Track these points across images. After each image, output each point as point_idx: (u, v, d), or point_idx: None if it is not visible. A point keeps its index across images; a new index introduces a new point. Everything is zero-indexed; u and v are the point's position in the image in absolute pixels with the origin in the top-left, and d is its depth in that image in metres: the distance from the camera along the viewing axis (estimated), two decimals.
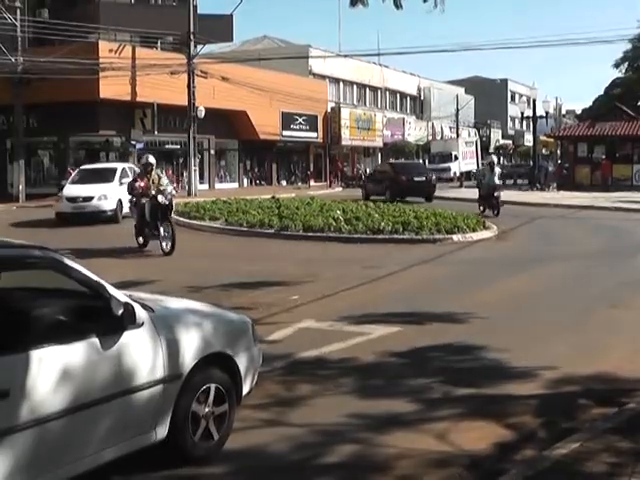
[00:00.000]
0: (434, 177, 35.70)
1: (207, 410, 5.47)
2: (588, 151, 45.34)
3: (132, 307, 4.98)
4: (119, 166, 27.02)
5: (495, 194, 26.52)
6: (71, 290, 5.08)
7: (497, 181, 27.20)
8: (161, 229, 16.97)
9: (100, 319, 4.91)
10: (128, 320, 4.95)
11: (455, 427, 6.17)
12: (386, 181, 34.56)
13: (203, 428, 5.44)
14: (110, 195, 24.30)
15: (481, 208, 27.10)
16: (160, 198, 16.92)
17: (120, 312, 4.90)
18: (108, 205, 24.27)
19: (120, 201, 23.73)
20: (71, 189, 25.19)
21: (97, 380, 4.75)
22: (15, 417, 4.24)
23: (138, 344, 5.05)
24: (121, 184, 23.84)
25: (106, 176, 25.33)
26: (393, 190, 33.15)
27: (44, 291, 5.30)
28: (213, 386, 5.51)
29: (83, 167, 28.36)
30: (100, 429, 4.79)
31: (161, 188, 17.10)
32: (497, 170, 28.02)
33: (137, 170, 24.25)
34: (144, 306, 5.22)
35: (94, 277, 5.01)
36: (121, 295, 5.07)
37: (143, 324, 5.11)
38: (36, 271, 5.02)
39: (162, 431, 5.21)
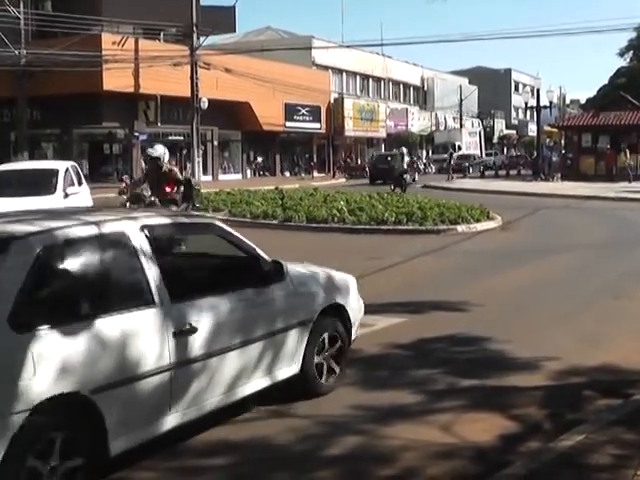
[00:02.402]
0: (396, 166, 41.37)
1: (328, 352, 6.76)
2: (592, 141, 45.19)
3: (280, 265, 6.27)
4: (60, 166, 17.01)
5: (404, 176, 34.14)
6: (234, 253, 6.31)
7: (405, 167, 35.58)
8: None
9: (255, 274, 6.15)
10: (276, 275, 6.23)
11: (459, 419, 6.15)
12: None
13: (325, 366, 6.73)
14: None
15: (392, 187, 33.29)
16: (129, 207, 11.90)
17: (269, 269, 6.20)
18: None
19: None
20: None
21: (255, 322, 6.00)
22: (202, 348, 5.40)
23: (283, 294, 6.29)
24: (66, 196, 15.59)
25: (43, 183, 15.83)
26: (369, 175, 44.59)
27: (215, 255, 6.65)
28: (332, 331, 6.80)
29: (1, 168, 17.88)
30: (259, 360, 6.00)
31: (138, 191, 12.01)
32: (406, 159, 37.06)
33: (76, 171, 17.54)
34: None
35: (249, 243, 6.30)
36: (267, 256, 6.31)
37: (285, 279, 6.29)
38: (206, 236, 6.46)
39: (296, 367, 6.42)
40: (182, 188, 12.09)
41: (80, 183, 16.82)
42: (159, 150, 12.25)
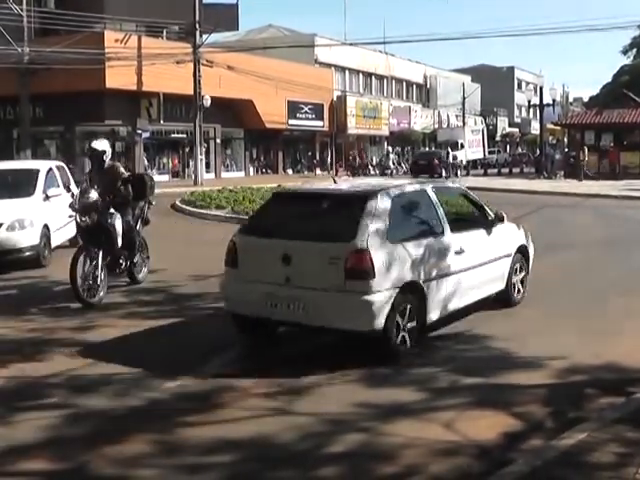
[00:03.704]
0: (436, 161, 48.51)
1: (518, 277, 10.23)
2: (595, 139, 45.09)
3: (502, 215, 9.91)
4: (42, 167, 15.59)
5: (385, 172, 43.77)
6: (473, 207, 10.05)
7: (390, 164, 45.27)
8: (97, 274, 10.38)
9: (486, 220, 9.73)
10: (498, 220, 9.82)
11: (462, 416, 6.15)
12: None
13: (516, 286, 10.18)
14: (30, 220, 13.61)
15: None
16: (80, 219, 10.81)
17: (493, 218, 9.78)
18: (26, 238, 13.47)
19: (47, 228, 14.02)
20: None
21: (488, 250, 9.44)
22: (463, 264, 8.72)
23: (501, 233, 9.83)
24: (47, 198, 14.47)
25: (21, 184, 14.76)
26: (410, 170, 49.20)
27: (463, 207, 10.35)
28: (520, 263, 10.27)
29: None
30: (486, 277, 9.37)
31: (88, 200, 10.70)
32: (391, 156, 47.64)
33: (63, 171, 16.30)
34: None
35: (478, 199, 10.13)
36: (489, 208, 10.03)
37: (503, 224, 9.89)
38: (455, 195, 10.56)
39: (503, 284, 9.84)
40: (130, 186, 11.11)
41: (66, 184, 14.85)
42: (104, 144, 11.29)
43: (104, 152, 11.13)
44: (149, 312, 10.11)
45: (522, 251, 10.30)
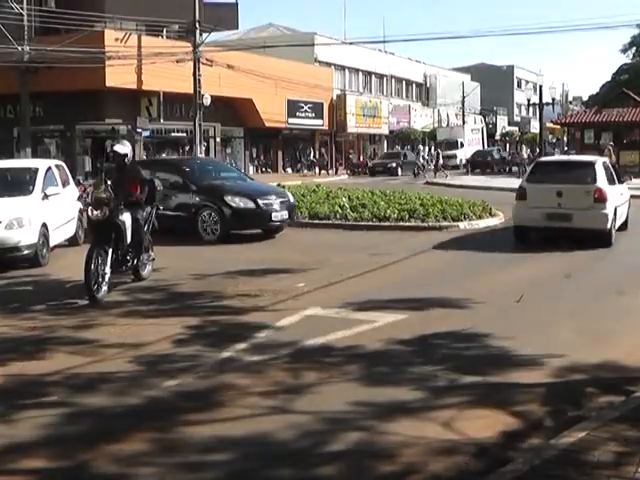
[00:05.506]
0: (490, 158, 54.48)
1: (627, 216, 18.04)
2: (595, 138, 45.06)
3: (628, 177, 20.74)
4: (41, 165, 15.55)
5: (413, 167, 48.92)
6: (613, 171, 17.38)
7: (421, 160, 50.41)
8: (106, 271, 10.60)
9: (615, 179, 16.85)
10: (621, 181, 17.34)
11: (461, 415, 6.15)
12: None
13: (628, 219, 17.83)
14: (28, 218, 13.42)
15: (413, 174, 47.31)
16: (92, 212, 10.96)
17: (620, 179, 17.37)
18: (24, 236, 13.24)
19: (45, 227, 13.84)
20: None
21: (623, 196, 17.06)
22: (621, 201, 16.95)
23: (622, 189, 17.37)
24: (46, 197, 14.29)
25: (20, 183, 14.67)
26: (470, 166, 53.09)
27: (612, 171, 17.66)
28: (627, 209, 17.72)
29: None
30: (623, 211, 17.02)
31: (101, 194, 10.89)
32: (422, 154, 52.09)
33: (62, 170, 16.48)
34: None
35: (613, 171, 17.37)
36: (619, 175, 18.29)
37: (624, 184, 17.95)
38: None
39: (624, 218, 17.20)
40: (146, 189, 11.46)
41: (65, 183, 15.92)
42: (127, 147, 11.54)
43: (126, 155, 11.37)
44: (150, 310, 10.13)
45: (629, 201, 17.89)
